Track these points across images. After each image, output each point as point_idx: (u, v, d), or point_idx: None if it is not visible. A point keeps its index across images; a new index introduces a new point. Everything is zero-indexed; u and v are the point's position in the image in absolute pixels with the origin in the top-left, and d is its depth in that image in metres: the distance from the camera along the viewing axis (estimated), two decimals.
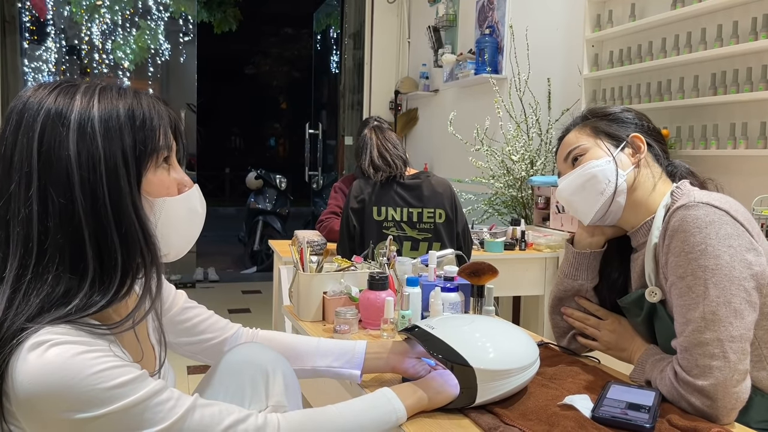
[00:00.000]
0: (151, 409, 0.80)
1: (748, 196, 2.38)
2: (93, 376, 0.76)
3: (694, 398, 1.04)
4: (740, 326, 1.05)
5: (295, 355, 1.18)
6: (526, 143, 3.38)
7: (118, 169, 0.83)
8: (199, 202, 0.96)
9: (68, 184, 0.81)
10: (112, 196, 0.82)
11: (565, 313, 1.40)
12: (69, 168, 0.81)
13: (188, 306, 1.16)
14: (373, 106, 5.53)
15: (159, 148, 0.88)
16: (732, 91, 2.46)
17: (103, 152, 0.82)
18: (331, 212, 3.10)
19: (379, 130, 2.58)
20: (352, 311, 1.51)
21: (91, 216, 0.81)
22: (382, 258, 1.74)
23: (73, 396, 0.75)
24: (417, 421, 1.02)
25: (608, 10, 3.10)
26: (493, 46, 4.07)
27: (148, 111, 0.87)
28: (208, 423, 0.83)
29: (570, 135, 1.33)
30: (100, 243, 0.82)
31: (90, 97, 0.84)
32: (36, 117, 0.82)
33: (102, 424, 0.77)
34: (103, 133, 0.83)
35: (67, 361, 0.75)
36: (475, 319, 1.19)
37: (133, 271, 0.85)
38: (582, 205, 1.28)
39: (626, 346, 1.29)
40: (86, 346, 0.78)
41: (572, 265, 1.38)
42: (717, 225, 1.08)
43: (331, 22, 7.93)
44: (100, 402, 0.76)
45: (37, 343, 0.76)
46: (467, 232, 2.52)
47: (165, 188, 0.90)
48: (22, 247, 0.81)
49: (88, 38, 5.97)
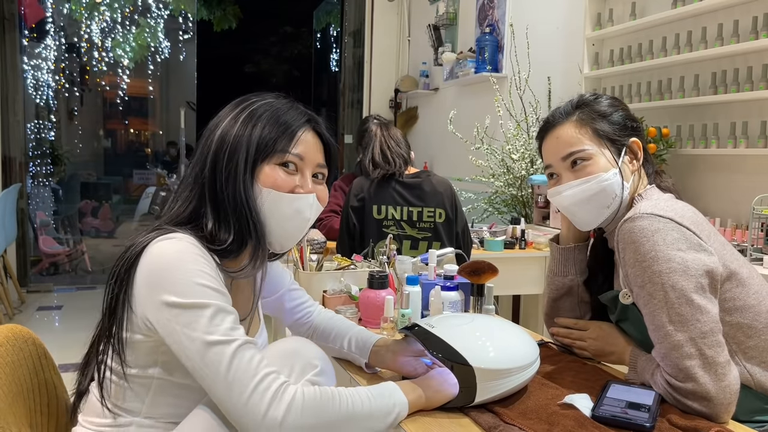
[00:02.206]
0: (218, 321, 0.94)
1: (749, 195, 2.38)
2: (191, 269, 0.95)
3: (690, 401, 1.05)
4: (707, 321, 1.07)
5: (335, 334, 1.33)
6: (526, 142, 3.38)
7: (240, 149, 1.04)
8: (308, 207, 1.09)
9: (206, 152, 1.06)
10: (228, 167, 1.03)
11: (552, 332, 1.42)
12: (213, 140, 1.06)
13: (293, 288, 1.37)
14: (373, 104, 5.53)
15: (284, 150, 1.06)
16: (732, 90, 2.46)
17: (236, 132, 1.05)
18: (330, 211, 3.09)
19: (385, 126, 2.58)
20: (351, 310, 1.51)
21: (211, 181, 1.04)
22: (382, 256, 1.74)
23: (168, 277, 0.94)
24: (417, 419, 1.02)
25: (609, 9, 3.10)
26: (494, 45, 4.06)
27: (294, 121, 1.08)
28: (247, 365, 0.93)
29: (567, 129, 1.25)
30: (218, 204, 1.04)
31: (263, 96, 1.10)
32: (219, 123, 1.08)
33: (176, 313, 0.93)
34: (245, 119, 1.06)
35: (179, 251, 0.96)
36: (475, 318, 1.19)
37: (243, 235, 1.04)
38: (585, 216, 1.27)
39: (612, 349, 1.30)
40: (200, 253, 0.98)
41: (559, 262, 1.40)
42: (663, 232, 1.10)
43: (331, 21, 7.93)
44: (183, 291, 0.93)
45: (169, 237, 0.98)
46: (467, 233, 2.52)
47: (274, 182, 1.05)
48: (189, 191, 1.07)
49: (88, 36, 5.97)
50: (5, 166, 5.06)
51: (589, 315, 1.40)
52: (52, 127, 6.81)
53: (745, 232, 2.37)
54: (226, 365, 0.92)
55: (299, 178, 1.08)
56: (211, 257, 1.00)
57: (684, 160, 2.70)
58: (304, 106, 1.13)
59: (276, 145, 1.05)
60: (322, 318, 1.37)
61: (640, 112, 2.81)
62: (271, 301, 1.34)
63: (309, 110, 1.12)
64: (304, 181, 1.08)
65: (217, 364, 0.92)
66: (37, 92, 6.63)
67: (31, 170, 6.16)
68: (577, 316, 1.40)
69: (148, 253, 0.97)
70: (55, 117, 6.98)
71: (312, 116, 1.12)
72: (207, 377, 0.92)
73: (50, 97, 6.75)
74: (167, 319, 0.94)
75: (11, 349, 1.07)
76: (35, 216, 5.99)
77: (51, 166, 6.75)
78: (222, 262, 1.03)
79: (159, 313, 0.94)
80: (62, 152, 7.04)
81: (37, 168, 6.53)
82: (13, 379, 1.04)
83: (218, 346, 0.92)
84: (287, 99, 1.13)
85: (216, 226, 1.03)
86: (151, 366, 1.01)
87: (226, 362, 0.92)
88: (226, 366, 0.92)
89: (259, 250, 1.06)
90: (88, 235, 7.20)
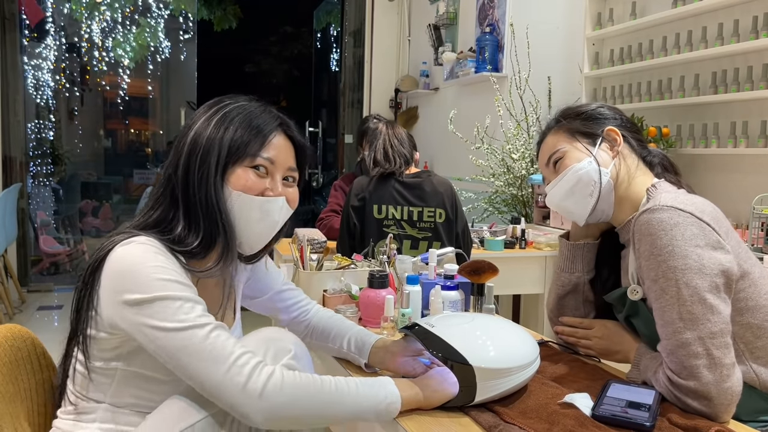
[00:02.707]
0: (186, 309, 0.96)
1: (749, 194, 2.38)
2: (152, 267, 0.97)
3: (690, 399, 1.05)
4: (718, 321, 1.06)
5: (335, 333, 1.33)
6: (527, 141, 3.38)
7: (212, 151, 1.05)
8: (277, 210, 1.10)
9: (179, 154, 1.07)
10: (201, 169, 1.04)
11: (556, 331, 1.42)
12: (186, 142, 1.07)
13: (286, 288, 1.37)
14: (374, 104, 5.52)
15: (255, 153, 1.07)
16: (732, 89, 2.46)
17: (208, 134, 1.06)
18: (331, 210, 3.10)
19: (391, 125, 2.58)
20: (352, 309, 1.51)
21: (182, 181, 1.05)
22: (382, 256, 1.73)
23: (130, 278, 0.96)
24: (417, 418, 1.02)
25: (609, 8, 3.10)
26: (494, 44, 4.06)
27: (265, 125, 1.09)
28: (224, 343, 0.95)
29: (548, 139, 1.34)
30: (189, 206, 1.05)
31: (236, 99, 1.12)
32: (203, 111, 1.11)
33: (142, 308, 0.95)
34: (217, 122, 1.07)
35: (139, 254, 0.98)
36: (475, 318, 1.19)
37: (212, 237, 1.05)
38: (574, 208, 1.29)
39: (618, 348, 1.30)
40: (160, 251, 1.00)
41: (568, 258, 1.40)
42: (682, 227, 1.09)
43: (332, 20, 7.93)
44: (146, 288, 0.95)
45: (130, 241, 1.00)
46: (467, 233, 2.51)
47: (244, 184, 1.06)
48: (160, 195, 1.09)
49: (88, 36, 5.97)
50: (5, 165, 5.06)
51: (593, 314, 1.40)
52: (52, 127, 6.82)
53: (745, 231, 2.37)
54: (200, 345, 0.94)
55: (269, 181, 1.09)
56: (174, 258, 1.02)
57: (684, 159, 2.70)
58: (277, 109, 1.15)
59: (248, 148, 1.07)
60: (320, 317, 1.37)
61: (640, 112, 2.82)
62: (263, 302, 1.35)
63: (281, 114, 1.14)
64: (274, 184, 1.10)
65: (192, 346, 0.94)
66: (37, 92, 6.64)
67: (32, 170, 6.16)
68: (581, 314, 1.40)
69: (111, 258, 0.99)
70: (56, 117, 6.99)
71: (284, 120, 1.14)
72: (181, 360, 0.94)
73: (50, 96, 6.75)
74: (133, 315, 0.95)
75: (9, 349, 1.07)
76: (36, 216, 6.00)
77: (51, 166, 6.76)
78: (188, 262, 1.05)
79: (124, 312, 0.96)
80: (62, 152, 7.04)
81: (38, 168, 6.53)
82: (11, 378, 1.04)
83: (191, 330, 0.95)
84: (260, 102, 1.14)
85: (185, 228, 1.05)
86: (114, 359, 1.03)
87: (200, 342, 0.94)
88: (201, 345, 0.94)
89: (228, 251, 1.07)
90: (88, 235, 7.21)
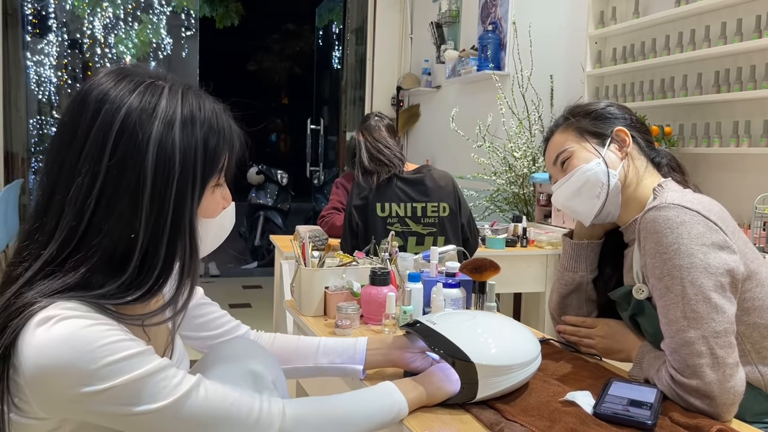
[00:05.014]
0: (157, 383, 0.80)
1: (751, 194, 2.38)
2: (99, 349, 0.76)
3: (693, 398, 1.05)
4: (722, 320, 1.06)
5: (297, 355, 1.19)
6: (529, 140, 3.38)
7: (188, 189, 0.84)
8: (229, 219, 0.99)
9: (137, 194, 0.81)
10: (176, 212, 0.84)
11: (559, 330, 1.42)
12: (142, 179, 0.81)
13: (203, 302, 1.18)
14: (375, 102, 5.52)
15: (221, 171, 0.90)
16: (735, 89, 2.46)
17: (179, 171, 0.83)
18: (332, 208, 3.10)
19: (368, 131, 2.50)
20: (353, 306, 1.51)
21: (152, 227, 0.82)
22: (383, 253, 1.74)
23: (80, 370, 0.75)
24: (418, 415, 1.02)
25: (612, 7, 3.09)
26: (496, 43, 4.06)
27: (222, 140, 0.89)
28: (212, 398, 0.84)
29: (555, 137, 1.33)
30: (149, 251, 0.83)
31: (173, 110, 0.84)
32: (115, 115, 0.81)
33: (108, 398, 0.77)
34: (181, 154, 0.83)
35: (73, 334, 0.76)
36: (476, 315, 1.19)
37: (166, 280, 0.86)
38: (580, 209, 1.29)
39: (621, 347, 1.30)
40: (93, 320, 0.78)
41: (571, 257, 1.40)
42: (689, 225, 1.09)
43: (334, 18, 7.92)
44: (106, 375, 0.76)
45: (46, 318, 0.76)
46: (472, 222, 2.50)
47: (212, 210, 0.93)
48: (67, 236, 0.81)
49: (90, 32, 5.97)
50: (7, 161, 5.06)
51: (595, 313, 1.40)
52: (54, 123, 6.82)
53: (747, 230, 2.37)
54: (196, 414, 0.82)
55: (219, 189, 0.94)
56: (109, 317, 0.81)
57: (686, 158, 2.69)
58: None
59: (212, 171, 0.88)
60: (264, 340, 1.21)
61: (642, 111, 2.81)
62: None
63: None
64: (226, 193, 0.95)
65: (189, 418, 0.82)
66: (39, 88, 6.64)
67: (33, 166, 6.16)
68: (584, 313, 1.40)
69: (30, 349, 0.75)
70: (58, 113, 6.99)
71: (216, 108, 0.92)
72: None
73: (52, 92, 6.75)
74: (100, 405, 0.77)
75: None
76: None
77: None
78: (125, 310, 0.84)
79: (83, 406, 0.77)
80: None
81: (40, 164, 6.53)
82: None
83: (182, 399, 0.81)
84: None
85: (136, 269, 0.83)
86: None
87: (199, 407, 0.83)
88: (199, 415, 0.82)
89: (188, 286, 0.89)
90: None
